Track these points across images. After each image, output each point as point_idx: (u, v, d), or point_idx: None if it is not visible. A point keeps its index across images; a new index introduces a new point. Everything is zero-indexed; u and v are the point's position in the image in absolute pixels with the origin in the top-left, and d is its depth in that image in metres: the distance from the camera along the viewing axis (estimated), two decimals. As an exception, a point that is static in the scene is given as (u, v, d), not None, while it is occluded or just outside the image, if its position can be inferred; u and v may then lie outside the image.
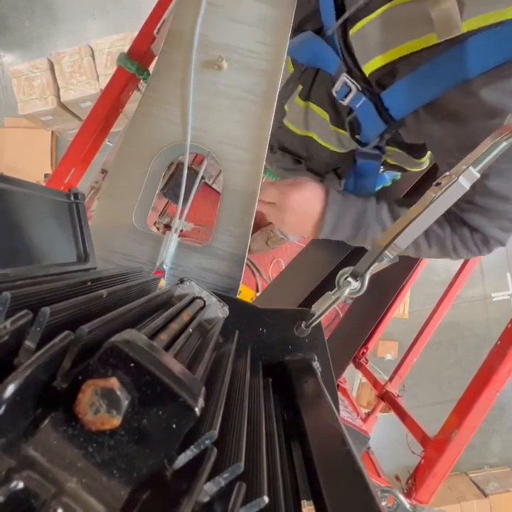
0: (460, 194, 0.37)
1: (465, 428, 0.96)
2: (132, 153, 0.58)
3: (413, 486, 0.98)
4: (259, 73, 0.57)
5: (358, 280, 0.42)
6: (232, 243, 0.57)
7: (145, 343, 0.18)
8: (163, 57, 0.56)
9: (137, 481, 0.17)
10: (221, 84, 0.56)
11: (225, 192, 0.57)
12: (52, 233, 0.35)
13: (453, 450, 0.96)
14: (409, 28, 0.54)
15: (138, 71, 1.04)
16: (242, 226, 0.57)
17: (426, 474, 0.97)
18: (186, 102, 0.56)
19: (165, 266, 0.56)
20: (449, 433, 0.98)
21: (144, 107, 0.56)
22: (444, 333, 3.24)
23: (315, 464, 0.25)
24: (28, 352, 0.17)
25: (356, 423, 1.14)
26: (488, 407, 0.96)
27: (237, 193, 0.57)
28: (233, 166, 0.57)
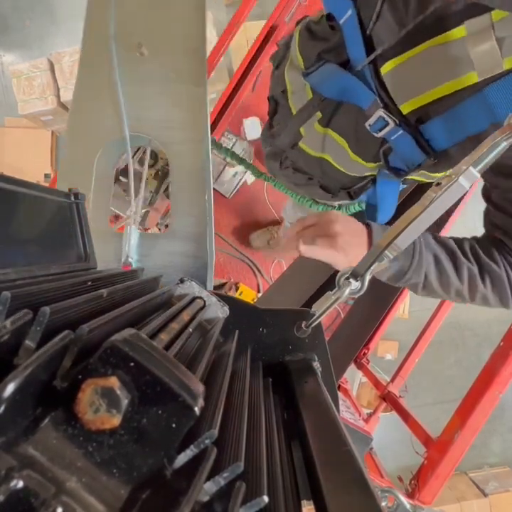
0: (460, 194, 0.37)
1: (468, 429, 0.96)
2: (74, 158, 0.57)
3: (416, 486, 0.99)
4: (181, 51, 0.56)
5: (358, 280, 0.42)
6: (191, 223, 0.56)
7: (145, 343, 0.18)
8: (85, 55, 0.56)
9: (137, 481, 0.17)
10: (147, 70, 0.56)
11: (173, 174, 0.56)
12: (53, 233, 0.36)
13: (456, 451, 0.96)
14: (449, 69, 0.53)
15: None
16: (197, 204, 0.56)
17: (429, 475, 0.97)
18: (116, 95, 0.55)
19: (130, 259, 0.55)
20: (451, 434, 0.98)
21: (75, 109, 0.56)
22: (445, 333, 3.23)
23: (315, 464, 0.25)
24: (28, 351, 0.17)
25: (359, 424, 1.14)
26: (490, 409, 0.96)
27: (185, 172, 0.56)
28: (176, 147, 0.56)
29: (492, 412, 0.97)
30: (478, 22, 0.48)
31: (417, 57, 0.56)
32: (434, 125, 0.59)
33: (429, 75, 0.56)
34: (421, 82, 0.57)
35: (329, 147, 0.80)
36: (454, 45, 0.51)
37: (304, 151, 0.85)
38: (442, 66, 0.54)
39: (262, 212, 2.22)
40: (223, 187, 2.15)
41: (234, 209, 2.21)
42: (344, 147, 0.76)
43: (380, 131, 0.64)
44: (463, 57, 0.51)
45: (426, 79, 0.56)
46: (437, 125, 0.59)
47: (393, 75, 0.60)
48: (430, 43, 0.54)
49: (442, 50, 0.53)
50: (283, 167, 0.96)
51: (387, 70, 0.60)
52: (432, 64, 0.55)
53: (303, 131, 0.81)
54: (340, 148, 0.77)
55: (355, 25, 0.61)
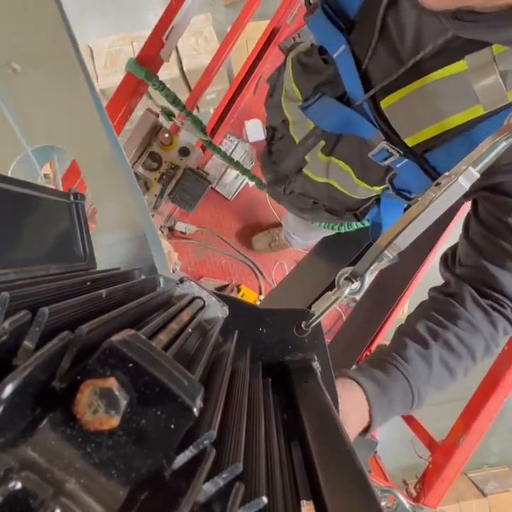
0: (460, 194, 0.37)
1: (473, 433, 0.96)
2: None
3: (421, 490, 0.99)
4: (52, 63, 0.56)
5: (358, 280, 0.42)
6: (115, 207, 0.54)
7: (144, 344, 0.18)
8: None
9: (136, 482, 0.17)
10: (26, 86, 0.55)
11: (83, 167, 0.54)
12: (52, 233, 0.35)
13: (461, 455, 0.96)
14: (453, 103, 0.53)
15: (147, 77, 1.04)
16: (116, 188, 0.54)
17: (434, 479, 0.97)
18: (4, 117, 0.54)
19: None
20: (456, 438, 0.98)
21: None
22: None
23: (314, 464, 0.25)
24: (26, 352, 0.17)
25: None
26: (496, 412, 0.96)
27: (92, 160, 0.54)
28: (76, 141, 0.55)
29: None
30: (480, 56, 0.48)
31: (417, 92, 0.55)
32: (439, 154, 0.59)
33: (432, 110, 0.55)
34: (424, 116, 0.57)
35: (333, 173, 0.79)
36: (454, 80, 0.51)
37: (308, 177, 0.84)
38: (445, 101, 0.54)
39: (264, 214, 2.22)
40: (225, 189, 2.16)
41: (235, 211, 2.21)
42: (349, 172, 0.76)
43: (385, 161, 0.64)
44: (466, 91, 0.50)
45: (429, 114, 0.56)
46: (443, 154, 0.58)
47: (394, 110, 0.59)
48: (430, 78, 0.53)
49: (443, 85, 0.52)
50: (287, 192, 0.96)
51: (388, 104, 0.59)
52: (434, 99, 0.54)
53: (308, 158, 0.81)
54: (344, 174, 0.77)
55: (349, 60, 0.60)
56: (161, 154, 1.42)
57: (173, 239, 2.14)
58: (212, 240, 2.18)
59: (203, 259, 2.18)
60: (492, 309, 0.62)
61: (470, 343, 0.62)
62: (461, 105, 0.52)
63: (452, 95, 0.52)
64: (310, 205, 0.95)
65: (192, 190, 1.44)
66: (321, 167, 0.80)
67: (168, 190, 1.44)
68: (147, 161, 1.40)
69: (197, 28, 2.80)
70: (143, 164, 1.41)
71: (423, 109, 0.56)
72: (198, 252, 2.18)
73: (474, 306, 0.63)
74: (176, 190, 1.44)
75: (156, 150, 1.43)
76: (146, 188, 1.44)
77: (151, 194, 1.45)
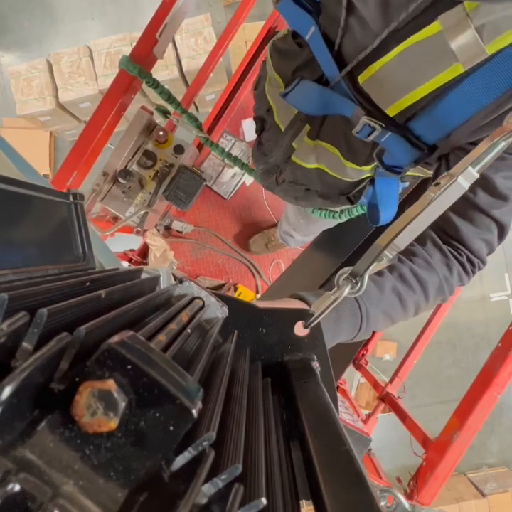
0: (459, 194, 0.37)
1: (466, 430, 0.96)
2: None
3: (415, 487, 0.99)
4: None
5: (358, 280, 0.42)
6: None
7: (142, 345, 0.18)
8: None
9: (134, 483, 0.17)
10: None
11: None
12: (51, 233, 0.35)
13: (454, 452, 0.96)
14: (431, 65, 0.53)
15: (140, 74, 1.04)
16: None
17: (427, 476, 0.98)
18: None
19: None
20: (450, 435, 0.98)
21: None
22: (443, 333, 3.25)
23: (314, 464, 0.25)
24: (25, 353, 0.17)
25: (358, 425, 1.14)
26: (489, 410, 0.96)
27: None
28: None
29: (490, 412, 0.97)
30: (453, 14, 0.47)
31: (394, 61, 0.55)
32: (422, 121, 0.58)
33: (411, 75, 0.55)
34: (403, 83, 0.56)
35: (322, 157, 0.79)
36: (431, 41, 0.51)
37: (298, 164, 0.84)
38: (423, 64, 0.53)
39: (261, 213, 2.23)
40: (222, 188, 2.16)
41: (232, 210, 2.21)
42: (336, 154, 0.76)
43: (369, 136, 0.63)
44: (443, 51, 0.50)
45: (408, 79, 0.55)
46: (426, 120, 0.58)
47: (372, 82, 0.59)
48: (405, 45, 0.53)
49: (419, 48, 0.52)
50: (279, 182, 0.96)
51: (366, 77, 0.59)
52: (412, 64, 0.54)
53: (295, 145, 0.81)
54: (332, 157, 0.77)
55: (320, 41, 0.61)
56: (155, 152, 1.43)
57: (169, 238, 2.14)
58: (209, 238, 2.19)
59: (199, 258, 2.18)
60: (450, 254, 0.64)
61: (423, 279, 0.63)
62: (440, 66, 0.52)
63: (430, 57, 0.52)
64: (303, 192, 0.95)
65: (186, 188, 1.44)
66: (308, 152, 0.80)
67: (162, 188, 1.44)
68: (142, 158, 1.40)
69: (196, 28, 2.81)
70: (137, 162, 1.41)
71: (401, 76, 0.56)
72: (194, 251, 2.18)
73: (433, 247, 0.65)
74: (171, 187, 1.44)
75: (151, 148, 1.43)
76: (141, 185, 1.44)
77: (146, 192, 1.45)
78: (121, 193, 1.41)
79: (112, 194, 1.40)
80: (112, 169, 1.36)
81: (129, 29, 2.86)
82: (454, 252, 0.65)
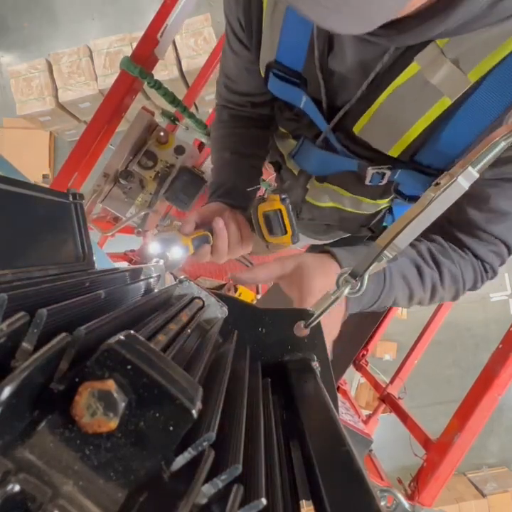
0: (459, 194, 0.37)
1: (467, 431, 0.96)
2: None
3: (416, 489, 0.99)
4: None
5: (358, 280, 0.42)
6: None
7: (142, 345, 0.18)
8: None
9: (134, 484, 0.17)
10: None
11: None
12: (51, 233, 0.35)
13: (455, 453, 0.96)
14: (420, 102, 0.54)
15: (141, 74, 1.04)
16: None
17: (428, 477, 0.98)
18: None
19: None
20: (451, 436, 0.98)
21: None
22: (443, 334, 3.24)
23: (314, 464, 0.25)
24: (25, 354, 0.17)
25: (359, 426, 1.14)
26: (490, 411, 0.97)
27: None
28: None
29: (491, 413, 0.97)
30: (427, 53, 0.49)
31: (382, 107, 0.58)
32: (427, 153, 0.60)
33: (402, 116, 0.57)
34: (397, 125, 0.58)
35: (334, 197, 0.81)
36: (413, 81, 0.53)
37: (312, 203, 0.86)
38: (411, 104, 0.55)
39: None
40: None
41: (232, 210, 2.21)
42: (348, 195, 0.78)
43: (382, 180, 0.66)
44: (427, 88, 0.52)
45: (400, 121, 0.57)
46: (430, 152, 0.59)
47: (367, 130, 0.62)
48: (390, 90, 0.55)
49: (404, 90, 0.54)
50: (300, 218, 0.98)
51: (361, 127, 0.62)
52: (400, 106, 0.56)
53: (308, 186, 0.84)
54: (345, 196, 0.79)
55: (313, 106, 0.64)
56: (156, 153, 1.43)
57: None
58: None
59: (200, 259, 2.18)
60: (466, 254, 0.67)
61: (440, 260, 0.65)
62: (428, 102, 0.54)
63: (416, 96, 0.54)
64: (323, 228, 0.98)
65: (187, 189, 1.44)
66: (321, 193, 0.82)
67: (163, 189, 1.44)
68: (143, 159, 1.40)
69: (196, 28, 2.81)
70: (138, 163, 1.41)
71: (393, 119, 0.58)
72: (195, 252, 2.18)
73: (452, 246, 0.67)
74: (171, 188, 1.44)
75: (152, 148, 1.43)
76: (142, 186, 1.44)
77: (147, 192, 1.45)
78: (121, 193, 1.41)
79: (112, 195, 1.40)
80: (112, 170, 1.36)
81: (128, 29, 2.86)
82: (471, 255, 0.67)
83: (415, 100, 0.55)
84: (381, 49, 0.52)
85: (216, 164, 0.85)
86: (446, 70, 0.49)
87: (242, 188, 0.74)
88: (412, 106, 0.55)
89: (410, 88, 0.54)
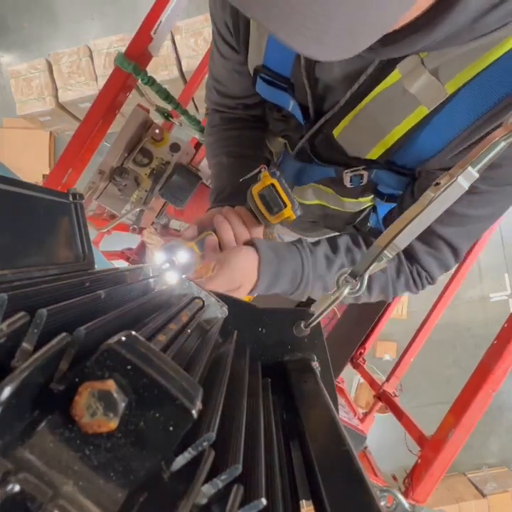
0: (459, 194, 0.37)
1: (462, 428, 0.96)
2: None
3: (410, 485, 0.99)
4: None
5: (357, 280, 0.42)
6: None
7: (142, 345, 0.18)
8: None
9: (134, 484, 0.17)
10: None
11: None
12: (51, 233, 0.35)
13: (450, 450, 0.96)
14: (398, 109, 0.55)
15: (135, 71, 1.04)
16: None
17: (423, 474, 0.98)
18: None
19: None
20: (445, 433, 0.98)
21: None
22: (443, 333, 3.25)
23: (314, 464, 0.25)
24: (25, 354, 0.17)
25: (353, 422, 1.14)
26: (484, 407, 0.96)
27: None
28: None
29: (490, 412, 0.97)
30: (408, 61, 0.50)
31: (362, 112, 0.59)
32: (401, 155, 0.61)
33: (381, 122, 0.58)
34: (375, 131, 0.60)
35: (319, 195, 0.83)
36: (393, 89, 0.54)
37: (298, 201, 0.88)
38: (390, 111, 0.56)
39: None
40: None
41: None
42: (331, 193, 0.79)
43: (362, 182, 0.68)
44: (406, 96, 0.53)
45: (379, 127, 0.59)
46: (404, 154, 0.61)
47: (346, 135, 0.64)
48: (371, 96, 0.56)
49: (384, 97, 0.55)
50: None
51: (339, 131, 0.64)
52: (380, 112, 0.58)
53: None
54: (328, 194, 0.80)
55: (299, 112, 0.66)
56: (151, 150, 1.43)
57: (167, 236, 2.14)
58: (206, 237, 2.18)
59: (197, 257, 2.18)
60: (403, 260, 0.69)
61: (354, 250, 0.68)
62: (406, 110, 0.55)
63: (395, 103, 0.55)
64: (310, 225, 1.00)
65: (182, 186, 1.44)
66: (306, 191, 0.84)
67: (158, 186, 1.44)
68: (138, 156, 1.41)
69: (196, 28, 2.81)
70: (133, 160, 1.41)
71: (374, 123, 0.59)
72: (192, 250, 2.18)
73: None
74: (166, 185, 1.44)
75: (147, 146, 1.43)
76: (137, 183, 1.44)
77: (142, 190, 1.45)
78: (117, 190, 1.41)
79: (107, 192, 1.40)
80: (107, 167, 1.36)
81: (128, 29, 2.86)
82: (407, 261, 0.69)
83: (394, 107, 0.56)
84: (366, 60, 0.53)
85: (214, 170, 0.85)
86: (424, 80, 0.50)
87: (243, 190, 0.75)
88: (391, 112, 0.56)
89: (390, 95, 0.55)
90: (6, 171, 0.48)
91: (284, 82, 0.64)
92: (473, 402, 0.96)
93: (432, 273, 0.70)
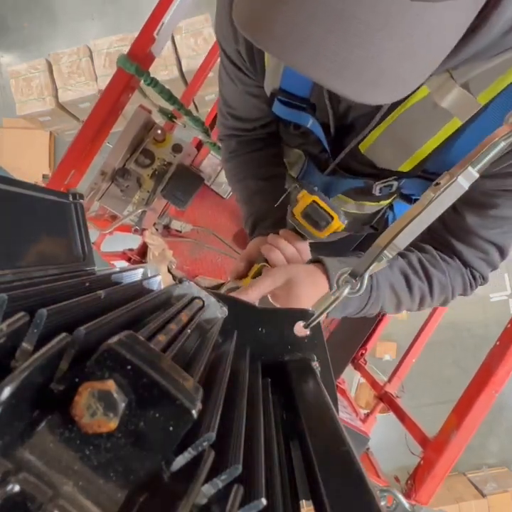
0: (459, 194, 0.37)
1: (464, 429, 0.96)
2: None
3: (412, 486, 0.98)
4: None
5: (357, 280, 0.42)
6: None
7: (142, 345, 0.18)
8: None
9: (134, 484, 0.17)
10: None
11: None
12: (51, 233, 0.35)
13: (452, 451, 0.96)
14: (430, 123, 0.55)
15: (137, 72, 1.04)
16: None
17: (425, 475, 0.97)
18: None
19: None
20: (448, 434, 0.98)
21: None
22: (443, 334, 3.25)
23: (314, 464, 0.25)
24: (25, 354, 0.17)
25: (356, 424, 1.14)
26: (487, 408, 0.96)
27: None
28: None
29: (490, 412, 0.97)
30: (436, 77, 0.50)
31: (390, 128, 0.59)
32: (434, 164, 0.61)
33: (412, 136, 0.58)
34: (406, 145, 0.59)
35: (337, 202, 0.82)
36: (423, 103, 0.54)
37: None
38: (422, 124, 0.56)
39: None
40: (221, 188, 2.15)
41: (231, 209, 2.21)
42: (352, 203, 0.79)
43: (391, 191, 0.68)
44: (436, 110, 0.53)
45: (410, 141, 0.59)
46: (437, 163, 0.60)
47: (373, 149, 0.63)
48: (398, 112, 0.56)
49: (414, 111, 0.55)
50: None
51: (366, 146, 0.63)
52: (408, 127, 0.57)
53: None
54: (348, 203, 0.80)
55: (320, 130, 0.66)
56: (153, 151, 1.43)
57: (168, 237, 2.14)
58: (207, 238, 2.18)
59: (198, 258, 2.18)
60: (455, 263, 0.69)
61: (430, 272, 0.67)
62: (438, 124, 0.55)
63: (426, 118, 0.55)
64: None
65: (184, 187, 1.44)
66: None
67: (160, 187, 1.44)
68: (140, 157, 1.41)
69: (196, 28, 2.80)
70: (136, 161, 1.41)
71: (403, 138, 0.59)
72: (193, 251, 2.18)
73: (441, 254, 0.69)
74: (169, 186, 1.44)
75: (149, 147, 1.43)
76: (139, 184, 1.44)
77: (144, 190, 1.45)
78: (119, 191, 1.41)
79: (110, 193, 1.40)
80: (110, 168, 1.36)
81: (128, 29, 2.86)
82: (459, 262, 0.69)
83: (425, 121, 0.55)
84: None
85: (242, 195, 0.85)
86: (455, 94, 0.50)
87: (284, 214, 0.74)
88: (422, 127, 0.56)
89: (419, 110, 0.55)
90: (4, 174, 0.48)
91: (303, 102, 0.65)
92: (475, 404, 0.95)
93: (483, 273, 0.73)
